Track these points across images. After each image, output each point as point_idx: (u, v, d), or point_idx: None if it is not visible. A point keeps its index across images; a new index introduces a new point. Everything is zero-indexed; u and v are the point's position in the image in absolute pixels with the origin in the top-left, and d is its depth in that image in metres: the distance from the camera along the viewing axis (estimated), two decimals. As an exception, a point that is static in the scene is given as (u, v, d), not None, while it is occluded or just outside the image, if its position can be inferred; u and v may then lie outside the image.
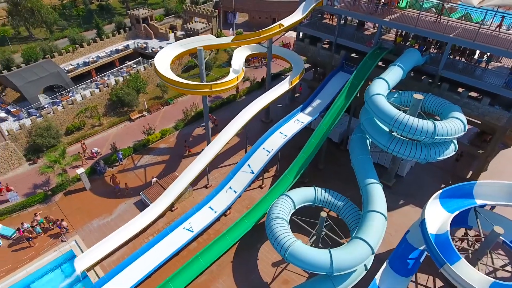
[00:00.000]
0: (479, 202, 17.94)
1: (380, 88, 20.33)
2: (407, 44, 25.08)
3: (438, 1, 25.14)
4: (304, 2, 25.93)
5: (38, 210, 22.62)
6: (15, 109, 29.52)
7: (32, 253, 20.24)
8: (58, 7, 56.10)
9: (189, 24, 44.54)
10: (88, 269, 19.09)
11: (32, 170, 26.10)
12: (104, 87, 32.66)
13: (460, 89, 23.03)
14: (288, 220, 18.01)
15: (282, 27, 24.33)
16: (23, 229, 20.62)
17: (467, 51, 23.50)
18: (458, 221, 18.70)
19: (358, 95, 24.51)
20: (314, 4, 25.95)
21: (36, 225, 20.99)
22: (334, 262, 15.23)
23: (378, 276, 16.96)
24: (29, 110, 29.41)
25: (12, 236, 21.04)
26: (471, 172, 25.42)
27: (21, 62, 35.77)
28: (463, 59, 23.74)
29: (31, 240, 20.60)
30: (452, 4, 26.84)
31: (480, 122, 24.01)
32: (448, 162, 25.82)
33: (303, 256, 15.65)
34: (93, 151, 27.53)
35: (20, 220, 21.56)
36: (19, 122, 27.74)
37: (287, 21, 24.87)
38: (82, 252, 19.98)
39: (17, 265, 19.54)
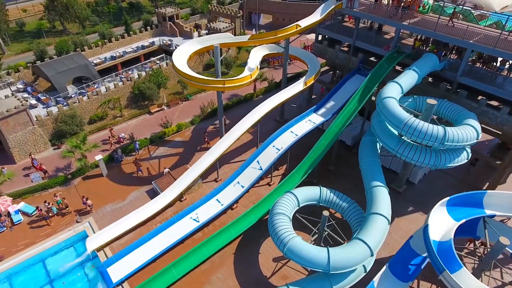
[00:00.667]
0: (488, 212, 17.42)
1: (392, 92, 20.16)
2: (427, 49, 24.63)
3: (462, 6, 24.55)
4: (323, 4, 26.08)
5: (58, 191, 24.09)
6: (44, 97, 31.47)
7: (49, 231, 21.62)
8: (92, 4, 59.05)
9: (213, 23, 45.62)
10: (98, 249, 20.19)
11: (56, 154, 27.78)
12: (128, 80, 34.14)
13: (479, 97, 22.37)
14: (291, 217, 18.19)
15: (299, 28, 24.56)
16: (41, 207, 22.02)
17: (488, 58, 22.76)
18: (466, 231, 18.28)
19: (373, 98, 24.33)
20: (333, 6, 26.02)
21: (52, 204, 22.36)
22: (332, 260, 15.31)
23: (376, 279, 16.84)
24: (57, 98, 31.28)
25: (33, 214, 22.54)
26: (487, 184, 24.54)
27: (53, 54, 37.95)
28: (485, 67, 23.01)
29: (49, 219, 21.97)
30: (483, 12, 26.07)
31: (500, 133, 23.21)
32: (462, 172, 25.12)
33: (301, 252, 15.82)
34: (120, 136, 29.15)
35: (42, 199, 22.99)
36: (47, 109, 29.59)
37: (305, 22, 25.05)
38: (94, 233, 21.12)
39: (34, 241, 20.96)
